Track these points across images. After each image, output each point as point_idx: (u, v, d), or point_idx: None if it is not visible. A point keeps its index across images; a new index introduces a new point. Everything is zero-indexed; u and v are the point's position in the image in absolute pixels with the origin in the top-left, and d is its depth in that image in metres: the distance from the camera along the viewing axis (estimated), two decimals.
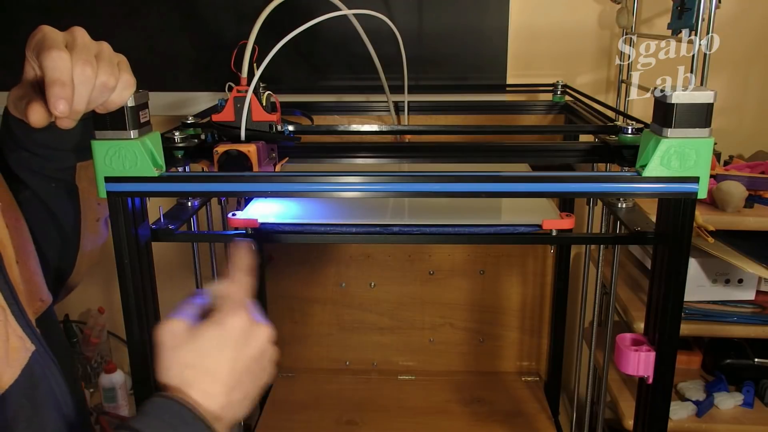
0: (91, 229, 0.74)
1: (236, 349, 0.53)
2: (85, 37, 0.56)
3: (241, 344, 0.53)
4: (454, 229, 0.79)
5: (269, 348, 0.56)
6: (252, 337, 0.54)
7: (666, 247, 0.69)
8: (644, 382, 0.74)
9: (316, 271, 1.43)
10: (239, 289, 0.55)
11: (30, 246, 0.66)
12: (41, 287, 0.66)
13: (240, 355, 0.53)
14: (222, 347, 0.52)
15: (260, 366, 0.56)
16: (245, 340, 0.53)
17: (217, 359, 0.52)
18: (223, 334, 0.52)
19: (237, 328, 0.53)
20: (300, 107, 1.14)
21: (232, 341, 0.53)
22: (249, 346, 0.54)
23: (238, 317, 0.53)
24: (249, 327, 0.54)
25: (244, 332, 0.53)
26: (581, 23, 1.30)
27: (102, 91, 0.56)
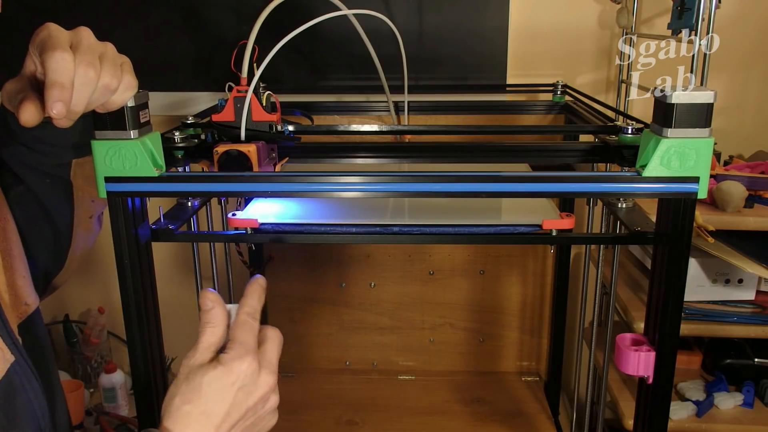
0: (84, 226, 0.74)
1: (236, 396, 0.52)
2: (90, 37, 0.56)
3: (242, 391, 0.53)
4: (454, 229, 0.79)
5: (272, 397, 0.55)
6: (256, 385, 0.53)
7: (666, 247, 0.69)
8: (644, 382, 0.74)
9: (316, 271, 1.43)
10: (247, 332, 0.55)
11: (17, 249, 0.66)
12: (27, 291, 0.65)
13: (239, 403, 0.53)
14: (222, 391, 0.52)
15: (259, 416, 0.55)
16: (247, 388, 0.53)
17: (216, 402, 0.52)
18: (226, 378, 0.52)
19: (242, 375, 0.52)
20: (300, 107, 1.14)
21: (234, 387, 0.52)
22: (250, 395, 0.53)
23: (246, 363, 0.53)
24: (254, 375, 0.53)
25: (248, 380, 0.53)
26: (581, 23, 1.30)
27: (104, 92, 0.56)
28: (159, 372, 0.76)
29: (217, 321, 0.55)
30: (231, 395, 0.52)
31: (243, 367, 0.52)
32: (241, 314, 0.56)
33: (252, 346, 0.54)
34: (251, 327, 0.55)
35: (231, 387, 0.52)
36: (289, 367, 1.49)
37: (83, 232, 0.74)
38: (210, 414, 0.51)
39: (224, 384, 0.52)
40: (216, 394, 0.52)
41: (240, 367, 0.52)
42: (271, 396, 0.55)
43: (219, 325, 0.55)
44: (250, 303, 0.57)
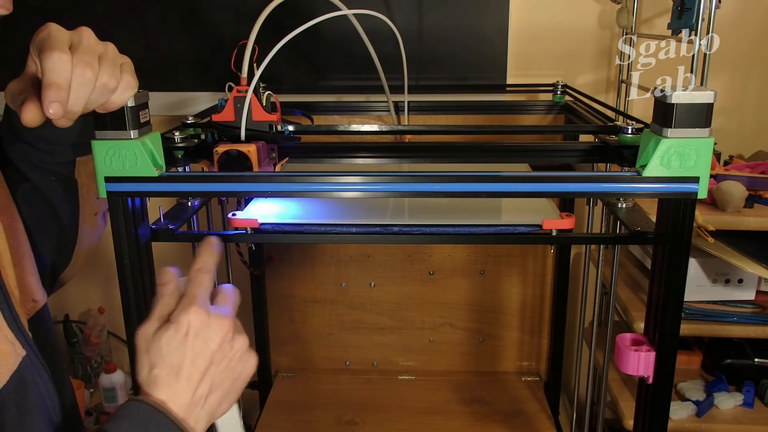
0: (89, 222, 0.74)
1: (194, 345, 0.54)
2: (90, 38, 0.56)
3: (198, 339, 0.54)
4: (454, 229, 0.79)
5: (238, 338, 0.56)
6: (210, 330, 0.54)
7: (666, 247, 0.69)
8: (644, 382, 0.74)
9: (316, 271, 1.43)
10: (194, 286, 0.56)
11: (25, 246, 0.66)
12: (35, 287, 0.66)
13: (199, 351, 0.54)
14: (179, 345, 0.53)
15: (230, 357, 0.56)
16: (202, 335, 0.54)
17: (177, 357, 0.53)
18: (178, 332, 0.53)
19: (191, 325, 0.53)
20: (300, 107, 1.14)
21: (188, 338, 0.53)
22: (208, 341, 0.54)
23: (191, 313, 0.54)
24: (204, 322, 0.54)
25: (200, 328, 0.54)
26: (581, 23, 1.30)
27: (102, 92, 0.56)
28: None
29: (171, 293, 0.56)
30: (188, 346, 0.53)
31: (190, 316, 0.53)
32: (190, 271, 0.57)
33: (198, 296, 0.55)
34: (200, 281, 0.56)
35: (185, 338, 0.53)
36: (289, 367, 1.49)
37: (89, 228, 0.74)
38: (176, 369, 0.53)
39: (178, 338, 0.53)
40: (174, 350, 0.53)
41: (187, 318, 0.53)
42: (236, 336, 0.56)
43: (172, 297, 0.56)
44: (199, 260, 0.58)
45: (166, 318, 0.55)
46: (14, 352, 0.57)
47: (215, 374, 0.55)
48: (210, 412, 0.55)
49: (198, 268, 0.57)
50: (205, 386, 0.54)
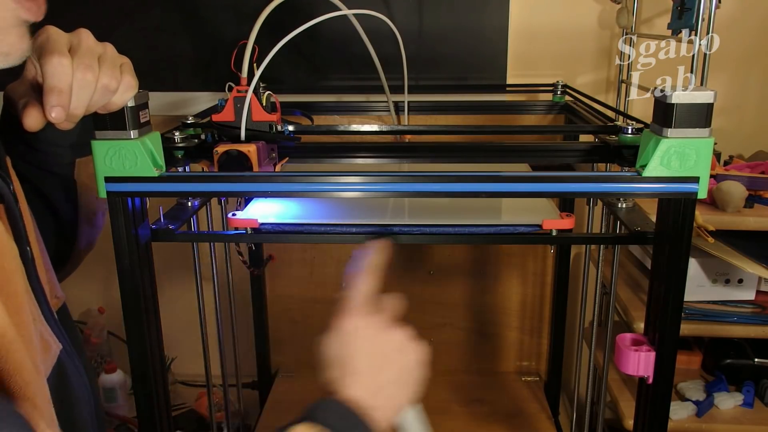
0: (88, 222, 0.74)
1: (353, 343, 0.59)
2: (89, 39, 0.56)
3: (360, 339, 0.59)
4: (454, 229, 0.79)
5: (394, 334, 0.60)
6: (371, 329, 0.59)
7: (666, 247, 0.69)
8: (644, 382, 0.74)
9: (316, 271, 1.43)
10: (357, 291, 0.61)
11: (42, 243, 0.66)
12: (55, 284, 0.66)
13: (362, 346, 0.59)
14: (347, 346, 0.59)
15: (390, 350, 0.60)
16: (363, 334, 0.59)
17: (344, 358, 0.59)
18: (341, 336, 0.60)
19: (351, 326, 0.59)
20: (300, 107, 1.14)
21: (347, 337, 0.59)
22: (370, 338, 0.59)
23: (349, 317, 0.59)
24: (364, 322, 0.59)
25: (360, 327, 0.59)
26: (581, 23, 1.30)
27: (103, 93, 0.56)
28: (159, 372, 0.76)
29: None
30: (359, 339, 0.59)
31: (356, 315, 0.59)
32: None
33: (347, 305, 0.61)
34: (365, 281, 0.61)
35: (352, 341, 0.59)
36: (289, 367, 1.49)
37: (88, 228, 0.74)
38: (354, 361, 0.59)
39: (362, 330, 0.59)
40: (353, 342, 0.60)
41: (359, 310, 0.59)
42: (396, 328, 0.60)
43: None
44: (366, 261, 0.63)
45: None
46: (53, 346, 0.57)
47: (386, 367, 0.59)
48: (390, 406, 0.59)
49: (369, 271, 0.62)
50: (381, 377, 0.58)
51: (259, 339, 1.42)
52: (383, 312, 0.60)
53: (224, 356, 1.14)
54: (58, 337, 0.59)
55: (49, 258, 0.71)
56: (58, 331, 0.59)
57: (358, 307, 0.59)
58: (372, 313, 0.60)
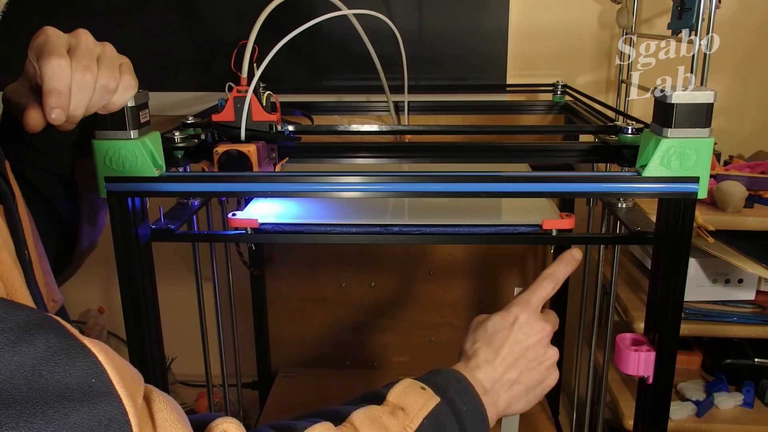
0: (89, 223, 0.74)
1: (516, 334, 0.63)
2: (88, 40, 0.56)
3: (520, 331, 0.63)
4: (454, 229, 0.79)
5: (550, 348, 0.64)
6: (532, 327, 0.63)
7: (666, 247, 0.69)
8: (644, 382, 0.74)
9: (316, 271, 1.43)
10: (534, 287, 0.65)
11: (41, 246, 0.66)
12: (54, 287, 0.66)
13: (519, 339, 0.63)
14: (503, 329, 0.63)
15: (538, 359, 0.63)
16: (525, 329, 0.63)
17: (500, 339, 0.63)
18: (506, 319, 0.64)
19: (518, 317, 0.63)
20: (300, 107, 1.14)
21: (513, 326, 0.63)
22: (529, 335, 0.63)
23: (519, 308, 0.64)
24: (530, 318, 0.63)
25: (525, 322, 0.63)
26: (581, 23, 1.30)
27: (102, 94, 0.56)
28: (159, 372, 0.76)
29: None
30: (512, 333, 0.64)
31: (520, 309, 0.64)
32: (542, 273, 0.67)
33: (534, 296, 0.65)
34: (542, 285, 0.66)
35: (511, 326, 0.64)
36: (289, 367, 1.49)
37: (89, 227, 0.74)
38: (496, 348, 0.64)
39: (505, 324, 0.65)
40: (499, 332, 0.64)
41: (517, 309, 0.64)
42: (550, 346, 0.65)
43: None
44: (553, 266, 0.67)
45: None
46: None
47: (525, 366, 0.62)
48: (509, 400, 0.62)
49: (547, 273, 0.66)
50: (514, 372, 0.62)
51: (259, 339, 1.42)
52: (550, 324, 0.64)
53: (224, 356, 1.14)
54: None
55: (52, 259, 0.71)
56: None
57: (532, 305, 0.64)
58: (541, 319, 0.64)
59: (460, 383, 0.59)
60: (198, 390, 1.46)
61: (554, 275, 0.66)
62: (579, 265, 0.69)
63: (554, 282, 0.66)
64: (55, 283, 0.67)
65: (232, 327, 1.22)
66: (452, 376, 0.60)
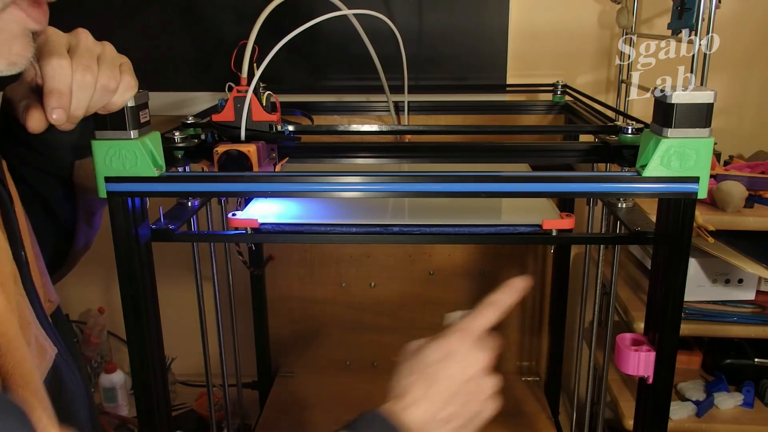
0: (86, 223, 0.74)
1: (450, 365, 0.56)
2: (88, 39, 0.56)
3: (456, 363, 0.57)
4: (454, 229, 0.79)
5: (488, 379, 0.58)
6: (467, 360, 0.57)
7: (666, 247, 0.69)
8: (644, 382, 0.74)
9: (316, 271, 1.43)
10: (475, 316, 0.60)
11: (38, 247, 0.66)
12: (50, 287, 0.66)
13: (453, 373, 0.56)
14: (437, 362, 0.57)
15: (473, 393, 0.57)
16: (461, 361, 0.57)
17: (434, 372, 0.56)
18: (439, 350, 0.57)
19: (453, 348, 0.57)
20: (300, 107, 1.14)
21: (447, 358, 0.57)
22: (464, 368, 0.57)
23: (457, 338, 0.58)
24: (466, 350, 0.57)
25: (460, 353, 0.57)
26: (581, 23, 1.30)
27: (103, 94, 0.56)
28: (159, 372, 0.76)
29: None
30: (446, 367, 0.57)
31: (456, 339, 0.58)
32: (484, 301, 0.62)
33: (473, 326, 0.59)
34: (483, 314, 0.60)
35: (445, 358, 0.57)
36: (289, 368, 1.49)
37: (85, 228, 0.74)
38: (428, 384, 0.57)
39: (438, 356, 0.58)
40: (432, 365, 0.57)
41: (452, 339, 0.58)
42: (488, 376, 0.58)
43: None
44: (497, 295, 0.62)
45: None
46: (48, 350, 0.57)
47: (461, 401, 0.56)
48: None
49: (491, 301, 0.61)
50: (449, 409, 0.56)
51: (259, 339, 1.42)
52: (488, 352, 0.59)
53: (224, 356, 1.14)
54: (53, 341, 0.58)
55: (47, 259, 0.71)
56: (53, 336, 0.59)
57: (472, 334, 0.58)
58: (480, 348, 0.58)
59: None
60: (198, 390, 1.46)
61: (498, 303, 0.61)
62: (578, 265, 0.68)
63: (498, 310, 0.61)
64: (51, 283, 0.67)
65: (232, 327, 1.22)
66: (378, 424, 0.56)
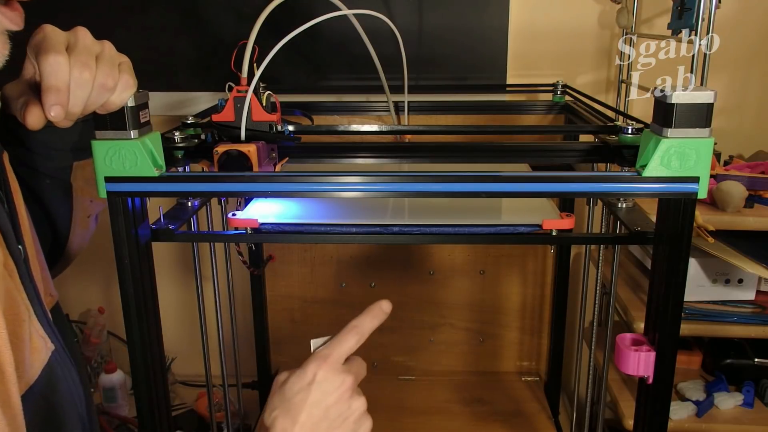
0: (82, 225, 0.74)
1: (311, 394, 0.56)
2: (86, 37, 0.56)
3: (317, 390, 0.56)
4: (454, 229, 0.79)
5: (355, 399, 0.58)
6: (331, 384, 0.57)
7: (666, 247, 0.69)
8: (644, 382, 0.74)
9: (316, 271, 1.43)
10: (336, 342, 0.59)
11: (38, 242, 0.66)
12: (50, 283, 0.66)
13: (316, 401, 0.56)
14: (300, 391, 0.57)
15: (342, 416, 0.57)
16: (323, 387, 0.57)
17: (297, 403, 0.56)
18: (302, 379, 0.57)
19: (316, 375, 0.57)
20: (300, 107, 1.14)
21: (310, 387, 0.57)
22: (327, 393, 0.57)
23: (317, 364, 0.57)
24: (327, 377, 0.57)
25: (322, 379, 0.57)
26: (581, 23, 1.30)
27: (100, 92, 0.56)
28: (159, 372, 0.76)
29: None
30: (309, 395, 0.57)
31: (316, 367, 0.58)
32: (348, 325, 0.61)
33: (334, 351, 0.58)
34: (345, 339, 0.59)
35: (308, 387, 0.57)
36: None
37: (80, 230, 0.74)
38: (294, 415, 0.57)
39: (301, 385, 0.58)
40: (295, 395, 0.58)
41: (314, 367, 0.57)
42: (354, 397, 0.58)
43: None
44: (360, 318, 0.61)
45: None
46: (45, 347, 0.57)
47: (327, 427, 0.57)
48: None
49: (353, 326, 0.60)
50: None
51: (259, 339, 1.42)
52: (352, 375, 0.58)
53: (224, 356, 1.14)
54: (51, 338, 0.58)
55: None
56: (51, 332, 0.59)
57: (335, 360, 0.58)
58: (342, 371, 0.58)
59: None
60: (198, 390, 1.46)
61: (359, 328, 0.60)
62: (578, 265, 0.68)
63: (359, 335, 0.60)
64: (51, 279, 0.67)
65: (232, 327, 1.22)
66: None
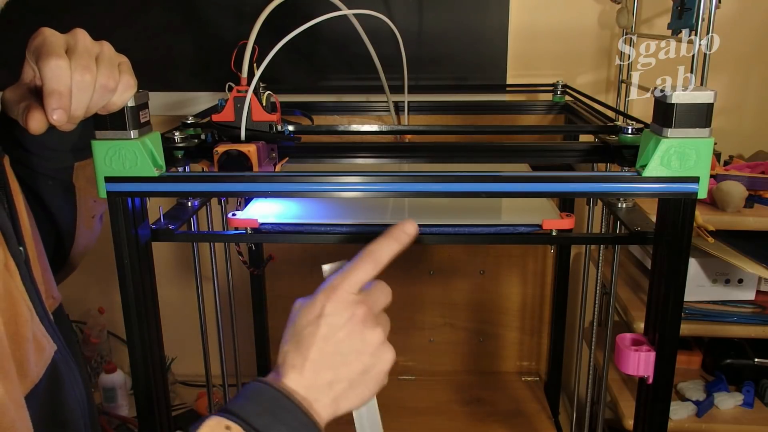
0: (86, 225, 0.74)
1: (320, 328, 0.52)
2: (85, 39, 0.56)
3: (325, 325, 0.52)
4: (454, 229, 0.79)
5: (369, 332, 0.53)
6: (339, 319, 0.52)
7: (666, 247, 0.69)
8: (644, 382, 0.74)
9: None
10: (350, 270, 0.54)
11: (41, 244, 0.66)
12: (52, 285, 0.66)
13: (325, 335, 0.52)
14: (309, 325, 0.52)
15: (352, 349, 0.52)
16: (332, 321, 0.52)
17: (305, 336, 0.52)
18: (311, 312, 0.53)
19: (324, 307, 0.52)
20: (300, 107, 1.14)
21: (319, 320, 0.52)
22: (335, 328, 0.52)
23: (325, 296, 0.53)
24: (335, 310, 0.52)
25: (332, 312, 0.52)
26: (581, 23, 1.30)
27: (102, 93, 0.56)
28: (159, 372, 0.76)
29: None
30: (319, 328, 0.52)
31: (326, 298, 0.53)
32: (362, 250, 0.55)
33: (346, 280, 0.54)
34: (359, 267, 0.55)
35: (317, 320, 0.52)
36: None
37: (86, 231, 0.74)
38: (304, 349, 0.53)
39: (310, 318, 0.53)
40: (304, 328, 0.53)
41: (323, 299, 0.53)
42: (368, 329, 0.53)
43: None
44: (377, 243, 0.56)
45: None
46: (48, 347, 0.57)
47: (341, 362, 0.52)
48: (334, 400, 0.53)
49: (369, 251, 0.55)
50: (329, 373, 0.52)
51: (259, 339, 1.42)
52: (368, 305, 0.53)
53: (224, 356, 1.14)
54: (53, 338, 0.59)
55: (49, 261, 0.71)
56: (53, 332, 0.59)
57: (344, 291, 0.53)
58: (352, 303, 0.53)
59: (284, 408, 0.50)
60: (198, 390, 1.46)
61: (376, 254, 0.55)
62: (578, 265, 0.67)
63: (374, 262, 0.55)
64: (54, 281, 0.67)
65: (232, 327, 1.22)
66: (272, 399, 0.50)
